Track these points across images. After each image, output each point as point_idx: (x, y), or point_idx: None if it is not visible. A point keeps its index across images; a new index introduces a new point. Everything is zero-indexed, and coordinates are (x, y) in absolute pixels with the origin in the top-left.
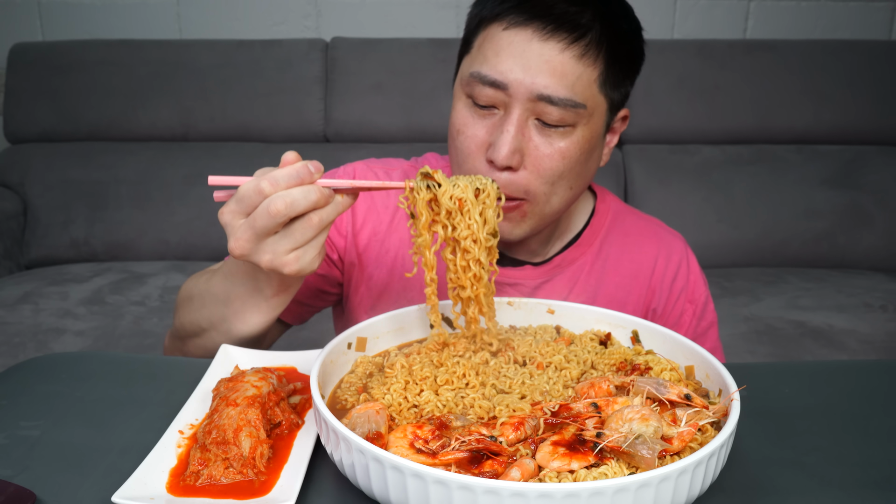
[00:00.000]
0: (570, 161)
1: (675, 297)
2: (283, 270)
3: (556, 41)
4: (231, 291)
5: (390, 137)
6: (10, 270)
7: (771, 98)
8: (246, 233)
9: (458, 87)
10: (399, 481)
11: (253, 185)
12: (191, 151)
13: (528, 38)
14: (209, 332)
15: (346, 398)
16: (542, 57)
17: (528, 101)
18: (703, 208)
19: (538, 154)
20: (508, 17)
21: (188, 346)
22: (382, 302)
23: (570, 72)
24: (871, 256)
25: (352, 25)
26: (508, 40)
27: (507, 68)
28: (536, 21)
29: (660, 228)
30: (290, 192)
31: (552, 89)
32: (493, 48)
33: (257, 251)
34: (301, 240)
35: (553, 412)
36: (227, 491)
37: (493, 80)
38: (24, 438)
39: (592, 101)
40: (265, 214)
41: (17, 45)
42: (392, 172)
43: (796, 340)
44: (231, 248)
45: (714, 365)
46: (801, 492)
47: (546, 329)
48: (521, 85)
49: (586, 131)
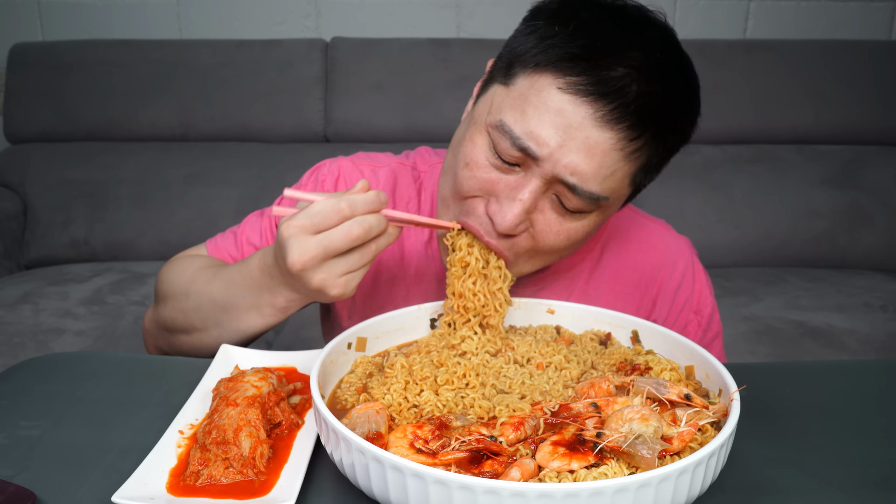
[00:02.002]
0: (576, 242)
1: (679, 308)
2: (329, 292)
3: (612, 133)
4: (231, 300)
5: (390, 137)
6: (10, 270)
7: (771, 98)
8: (316, 249)
9: (482, 113)
10: (399, 481)
11: (332, 204)
12: (191, 151)
13: (581, 116)
14: (201, 332)
15: (346, 398)
16: (588, 143)
17: (551, 178)
18: (703, 208)
19: (545, 229)
20: (568, 77)
21: (175, 340)
22: (367, 304)
23: (608, 165)
24: (871, 256)
25: (352, 25)
26: (559, 106)
27: (545, 139)
28: (601, 101)
29: (665, 234)
30: (367, 218)
31: (580, 178)
32: (538, 106)
33: (316, 269)
34: (355, 265)
35: (553, 412)
36: (227, 491)
37: (524, 147)
38: (24, 438)
39: (618, 193)
40: (344, 236)
41: (17, 45)
42: (379, 170)
43: (796, 340)
44: (292, 261)
45: (714, 365)
46: (801, 492)
47: (546, 329)
48: (551, 163)
49: (600, 217)
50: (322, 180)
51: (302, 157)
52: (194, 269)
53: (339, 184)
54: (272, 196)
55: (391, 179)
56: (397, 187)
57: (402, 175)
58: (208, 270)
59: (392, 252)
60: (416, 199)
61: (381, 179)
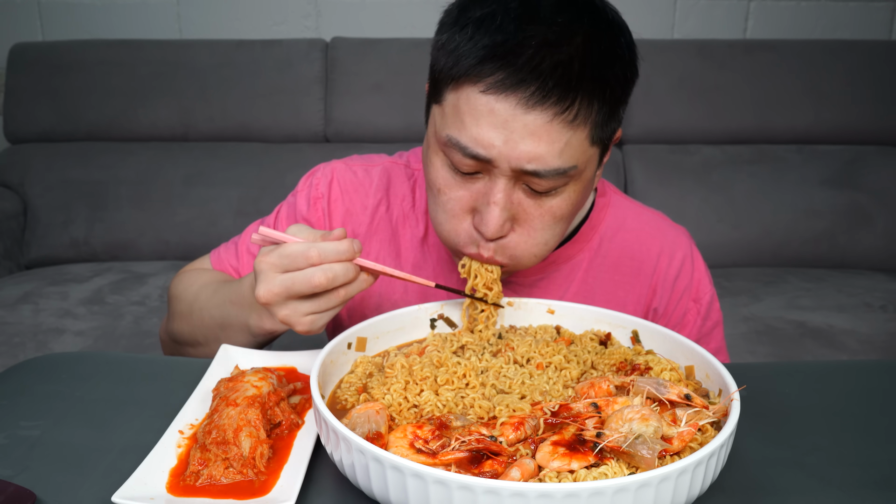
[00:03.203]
0: (564, 216)
1: (679, 296)
2: (294, 328)
3: (543, 111)
4: (227, 319)
5: (390, 137)
6: (10, 270)
7: (771, 98)
8: (279, 288)
9: (432, 138)
10: (399, 481)
11: (302, 249)
12: (191, 151)
13: (511, 108)
14: (205, 346)
15: (346, 398)
16: (527, 128)
17: (512, 172)
18: (703, 208)
19: (528, 217)
20: (486, 79)
21: (184, 352)
22: (364, 300)
23: (558, 139)
24: (871, 256)
25: (352, 25)
26: (488, 107)
27: (489, 141)
28: (520, 88)
29: (663, 223)
30: (333, 266)
31: (539, 162)
32: (471, 113)
33: (281, 305)
34: (320, 308)
35: (553, 412)
36: (227, 491)
37: (475, 154)
38: (24, 438)
39: (584, 157)
40: (306, 282)
41: (17, 45)
42: (372, 169)
43: (796, 340)
44: (258, 294)
45: (714, 365)
46: (801, 492)
47: (546, 329)
48: (506, 159)
49: (579, 184)
50: (316, 184)
51: (302, 157)
52: (199, 286)
53: (332, 186)
54: (272, 196)
55: (385, 178)
56: (391, 185)
57: (396, 173)
58: (210, 287)
59: (388, 247)
60: (411, 196)
61: (375, 178)
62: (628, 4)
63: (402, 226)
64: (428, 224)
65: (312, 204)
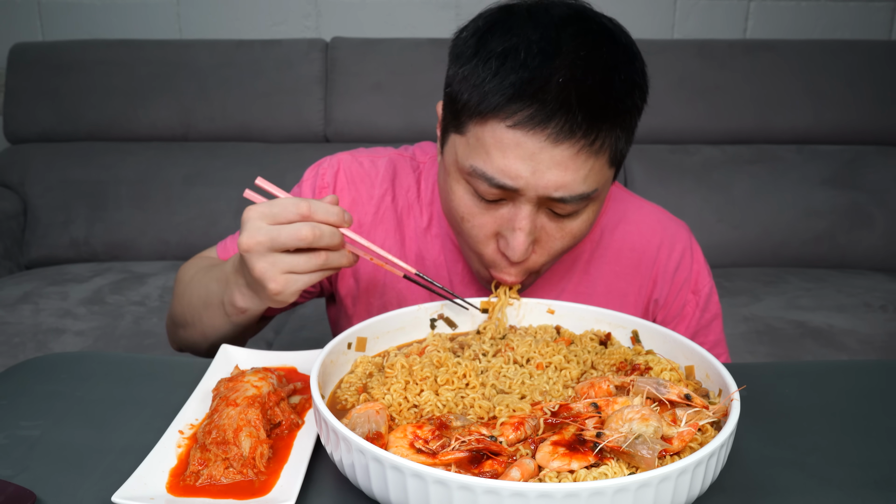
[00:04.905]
0: (581, 234)
1: (678, 287)
2: (266, 285)
3: (571, 143)
4: (208, 297)
5: (390, 137)
6: (10, 270)
7: (771, 98)
8: (265, 237)
9: (451, 166)
10: (399, 481)
11: (293, 202)
12: (191, 151)
13: (539, 142)
14: (191, 327)
15: (346, 398)
16: (554, 159)
17: (538, 199)
18: (703, 208)
19: (549, 238)
20: (513, 116)
21: (179, 334)
22: (369, 292)
23: (583, 167)
24: (871, 256)
25: (352, 25)
26: (516, 141)
27: (516, 172)
28: (549, 124)
29: (663, 216)
30: (320, 225)
31: (565, 190)
32: (498, 146)
33: (261, 256)
34: (300, 268)
35: (553, 412)
36: (227, 491)
37: (502, 185)
38: (24, 438)
39: (603, 180)
40: (293, 234)
41: (17, 45)
42: (378, 160)
43: (796, 340)
44: (241, 241)
45: (714, 365)
46: (801, 492)
47: (546, 329)
48: (533, 188)
49: (596, 204)
50: (322, 174)
51: (302, 156)
52: (197, 268)
53: (338, 177)
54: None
55: (390, 169)
56: (397, 176)
57: (402, 165)
58: (204, 269)
59: (393, 236)
60: (416, 188)
61: (381, 169)
62: (628, 4)
63: (406, 216)
64: (432, 214)
65: (318, 193)
